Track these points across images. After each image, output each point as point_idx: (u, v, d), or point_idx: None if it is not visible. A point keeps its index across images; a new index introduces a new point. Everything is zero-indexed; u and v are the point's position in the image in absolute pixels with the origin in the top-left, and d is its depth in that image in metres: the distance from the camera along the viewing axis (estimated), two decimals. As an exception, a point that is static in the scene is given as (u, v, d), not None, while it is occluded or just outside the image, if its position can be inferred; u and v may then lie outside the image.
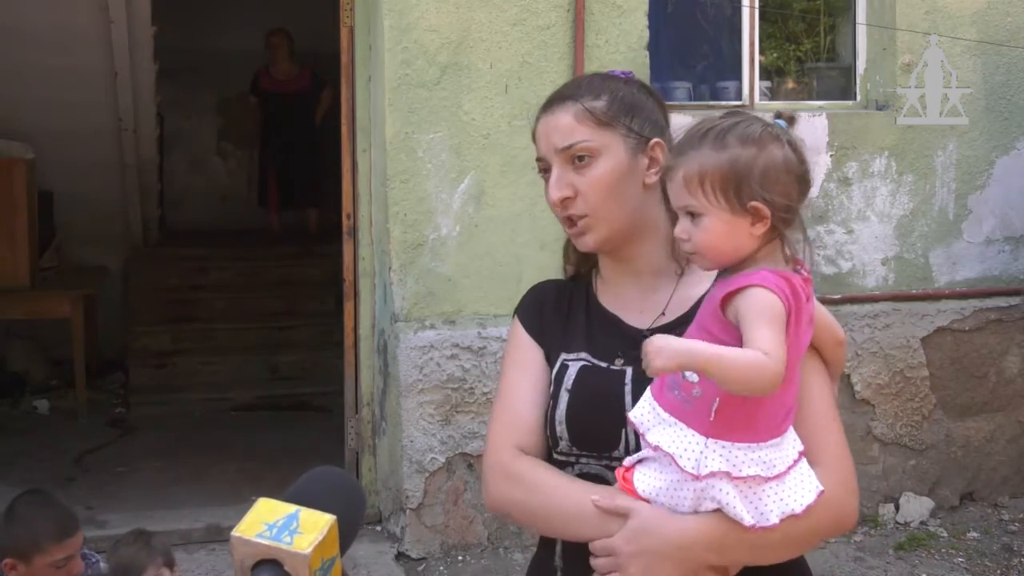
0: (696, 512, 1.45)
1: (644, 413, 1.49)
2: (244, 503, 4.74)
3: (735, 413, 1.42)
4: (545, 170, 1.67)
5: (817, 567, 1.68)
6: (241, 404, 6.65)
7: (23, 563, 2.66)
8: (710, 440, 1.42)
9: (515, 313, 1.80)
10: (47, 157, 6.40)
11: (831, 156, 4.79)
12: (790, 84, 5.44)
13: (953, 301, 4.96)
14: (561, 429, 1.60)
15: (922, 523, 4.85)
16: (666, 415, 1.46)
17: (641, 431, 1.48)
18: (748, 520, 1.42)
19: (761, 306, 1.40)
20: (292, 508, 1.23)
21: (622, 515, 1.48)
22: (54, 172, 6.59)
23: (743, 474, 1.41)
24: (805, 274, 1.48)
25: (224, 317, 7.32)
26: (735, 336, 1.41)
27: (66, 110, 6.33)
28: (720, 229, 1.45)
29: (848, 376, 4.73)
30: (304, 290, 7.61)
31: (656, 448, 1.45)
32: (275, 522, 1.21)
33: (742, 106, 4.94)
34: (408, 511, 4.37)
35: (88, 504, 4.82)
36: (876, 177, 4.87)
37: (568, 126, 1.62)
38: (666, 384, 1.48)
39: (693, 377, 1.44)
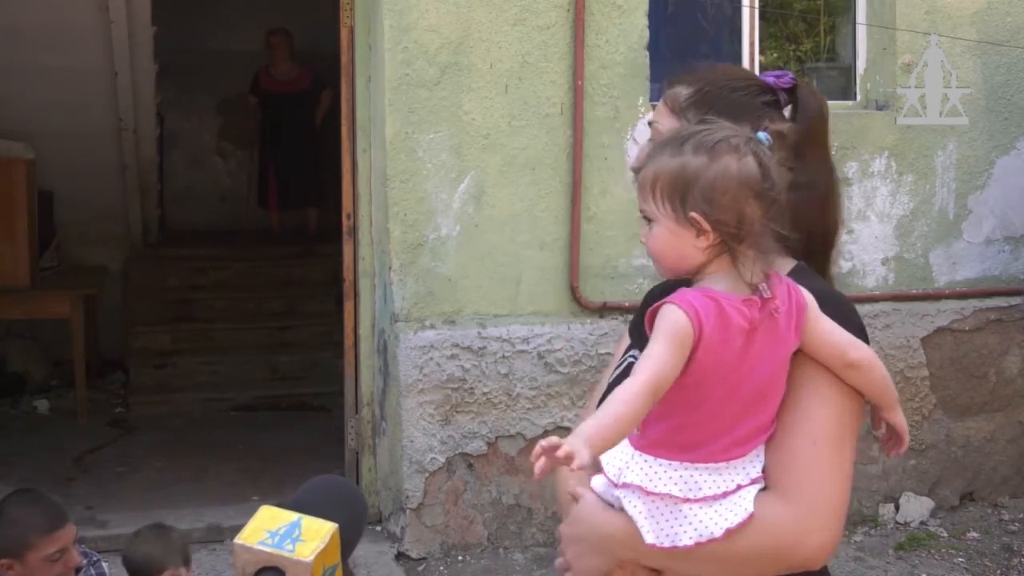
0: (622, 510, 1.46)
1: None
2: (244, 503, 4.73)
3: (659, 428, 1.40)
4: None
5: (817, 567, 1.66)
6: (241, 404, 6.64)
7: (17, 561, 2.66)
8: (636, 452, 1.42)
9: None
10: (47, 157, 6.40)
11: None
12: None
13: (953, 301, 4.96)
14: None
15: (922, 523, 4.85)
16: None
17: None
18: (649, 538, 1.39)
19: (661, 324, 1.36)
20: (294, 516, 1.23)
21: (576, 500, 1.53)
22: (54, 172, 6.58)
23: (657, 490, 1.38)
24: (757, 295, 1.40)
25: (224, 317, 7.32)
26: None
27: (66, 110, 6.33)
28: (666, 237, 1.42)
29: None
30: (304, 290, 7.60)
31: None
32: (277, 530, 1.21)
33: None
34: (408, 511, 4.37)
35: (88, 504, 4.82)
36: (876, 177, 4.87)
37: (660, 105, 1.67)
38: None
39: None
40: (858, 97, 5.08)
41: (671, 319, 1.36)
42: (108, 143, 6.76)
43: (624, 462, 1.42)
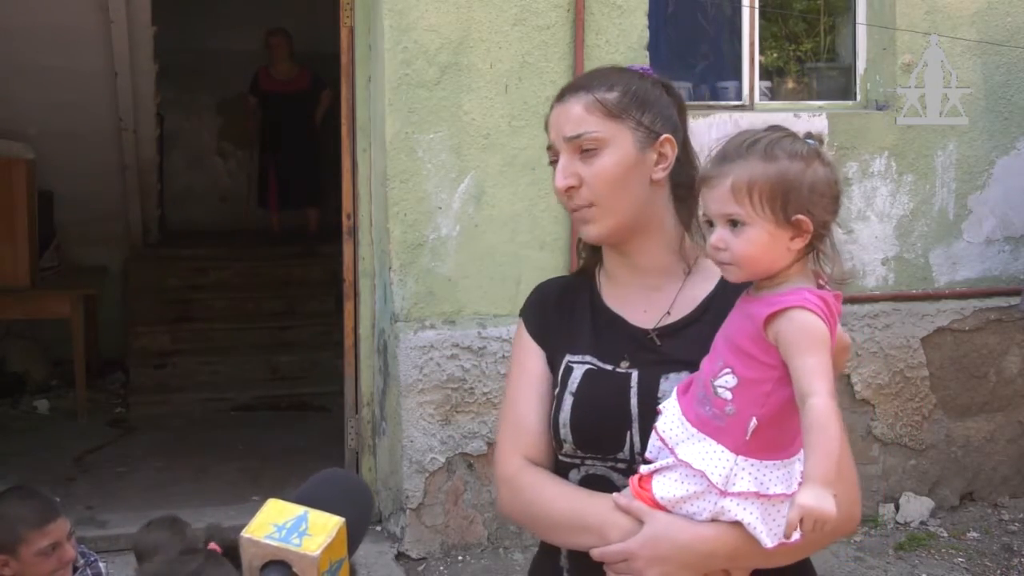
0: (714, 521, 1.45)
1: (672, 427, 1.48)
2: (244, 503, 4.74)
3: (770, 432, 1.42)
4: (554, 160, 1.66)
5: (817, 567, 1.67)
6: (241, 404, 6.65)
7: (12, 557, 2.66)
8: (739, 458, 1.43)
9: (520, 314, 1.78)
10: (47, 157, 6.40)
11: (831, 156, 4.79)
12: (790, 84, 5.45)
13: (953, 301, 4.96)
14: (565, 432, 1.61)
15: (922, 523, 4.85)
16: (694, 430, 1.46)
17: (670, 445, 1.48)
18: (768, 542, 1.43)
19: (808, 332, 1.41)
20: (301, 510, 1.23)
21: (637, 520, 1.48)
22: (54, 172, 6.59)
23: (771, 492, 1.42)
24: (832, 289, 1.49)
25: (224, 317, 7.32)
26: (775, 357, 1.42)
27: (66, 110, 6.33)
28: (762, 240, 1.45)
29: (848, 376, 4.74)
30: (304, 290, 7.61)
31: (686, 464, 1.45)
32: (284, 523, 1.21)
33: (742, 106, 4.95)
34: (408, 511, 4.37)
35: (88, 504, 4.82)
36: (876, 177, 4.87)
37: (578, 116, 1.62)
38: (696, 399, 1.48)
39: (726, 394, 1.44)
40: (858, 97, 5.08)
41: (815, 326, 1.41)
42: (108, 143, 6.76)
43: (729, 470, 1.42)
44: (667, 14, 5.05)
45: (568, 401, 1.61)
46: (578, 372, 1.62)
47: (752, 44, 5.00)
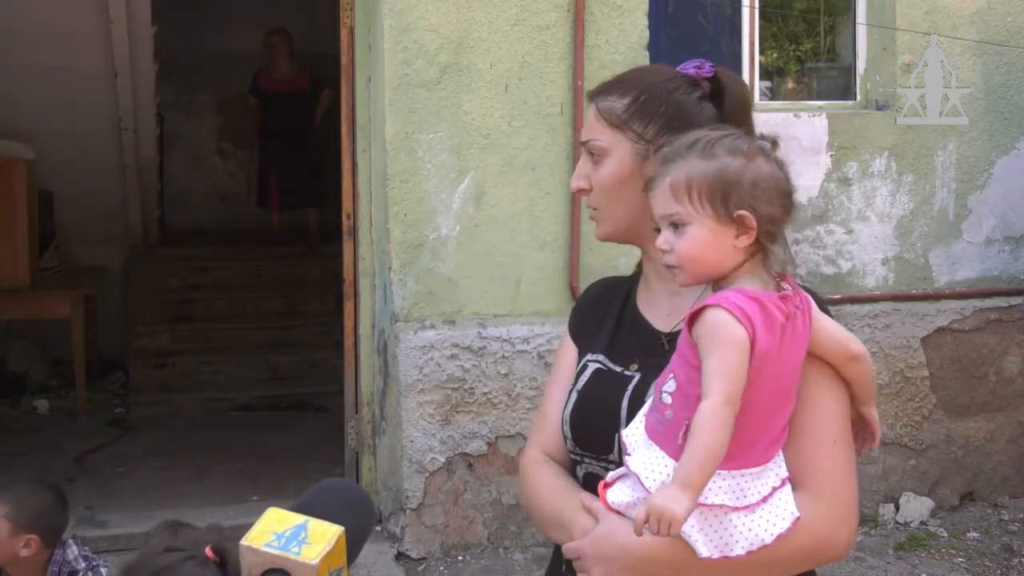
0: None
1: (633, 433, 1.48)
2: (244, 503, 4.74)
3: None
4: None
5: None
6: (241, 404, 6.65)
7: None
8: (672, 461, 1.40)
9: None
10: (47, 157, 6.40)
11: (831, 156, 4.80)
12: (790, 84, 5.45)
13: (953, 301, 4.96)
14: (566, 429, 1.64)
15: (922, 523, 4.85)
16: (645, 436, 1.45)
17: (627, 451, 1.47)
18: (703, 552, 1.38)
19: (714, 332, 1.36)
20: (301, 518, 1.24)
21: (595, 518, 1.50)
22: (54, 172, 6.59)
23: (708, 502, 1.37)
24: (788, 291, 1.43)
25: (224, 317, 7.33)
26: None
27: (66, 110, 6.33)
28: (704, 238, 1.42)
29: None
30: (304, 290, 7.61)
31: (632, 474, 1.44)
32: (284, 532, 1.22)
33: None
34: (408, 511, 4.37)
35: (88, 504, 4.82)
36: (876, 177, 4.87)
37: (591, 121, 1.65)
38: (651, 406, 1.47)
39: (667, 399, 1.42)
40: (858, 97, 5.09)
41: (724, 326, 1.36)
42: (108, 143, 6.77)
43: (666, 476, 1.39)
44: (667, 14, 5.05)
45: (573, 399, 1.64)
46: (588, 371, 1.65)
47: (752, 44, 5.00)
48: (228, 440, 5.90)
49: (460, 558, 4.41)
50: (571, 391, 1.65)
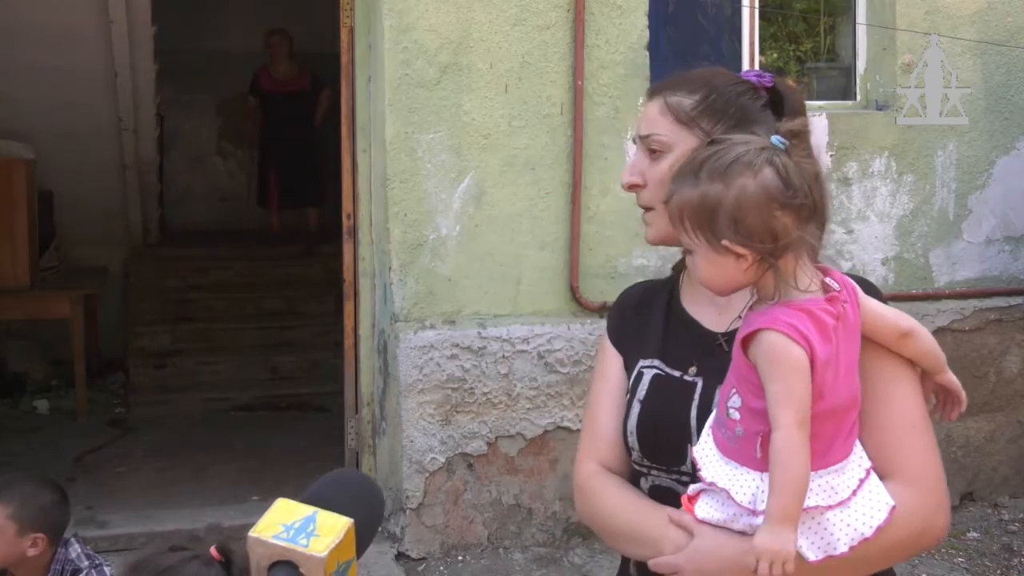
0: None
1: (703, 449, 1.46)
2: (244, 503, 4.73)
3: None
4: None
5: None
6: (241, 404, 6.64)
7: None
8: (765, 475, 1.39)
9: (607, 318, 1.78)
10: (47, 157, 6.40)
11: (831, 156, 4.79)
12: (790, 84, 5.44)
13: (953, 301, 4.96)
14: (632, 441, 1.60)
15: (922, 523, 4.84)
16: (719, 453, 1.43)
17: (699, 467, 1.46)
18: (811, 556, 1.38)
19: (772, 357, 1.35)
20: (310, 510, 1.23)
21: (688, 533, 1.47)
22: (54, 172, 6.59)
23: (804, 505, 1.37)
24: (835, 288, 1.42)
25: (224, 317, 7.32)
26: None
27: (66, 110, 6.33)
28: (707, 266, 1.41)
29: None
30: (304, 290, 7.61)
31: (711, 484, 1.43)
32: (292, 524, 1.21)
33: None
34: (408, 511, 4.37)
35: (88, 504, 4.82)
36: (876, 177, 4.87)
37: (653, 116, 1.60)
38: (716, 420, 1.45)
39: (735, 415, 1.40)
40: (858, 97, 5.08)
41: (782, 349, 1.35)
42: (108, 143, 6.76)
43: (756, 487, 1.39)
44: (667, 14, 5.05)
45: (636, 409, 1.60)
46: (647, 378, 1.61)
47: (752, 44, 4.99)
48: (228, 440, 5.90)
49: (460, 558, 4.41)
50: (631, 400, 1.61)
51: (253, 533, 1.20)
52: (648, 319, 1.67)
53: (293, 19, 8.08)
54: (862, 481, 1.41)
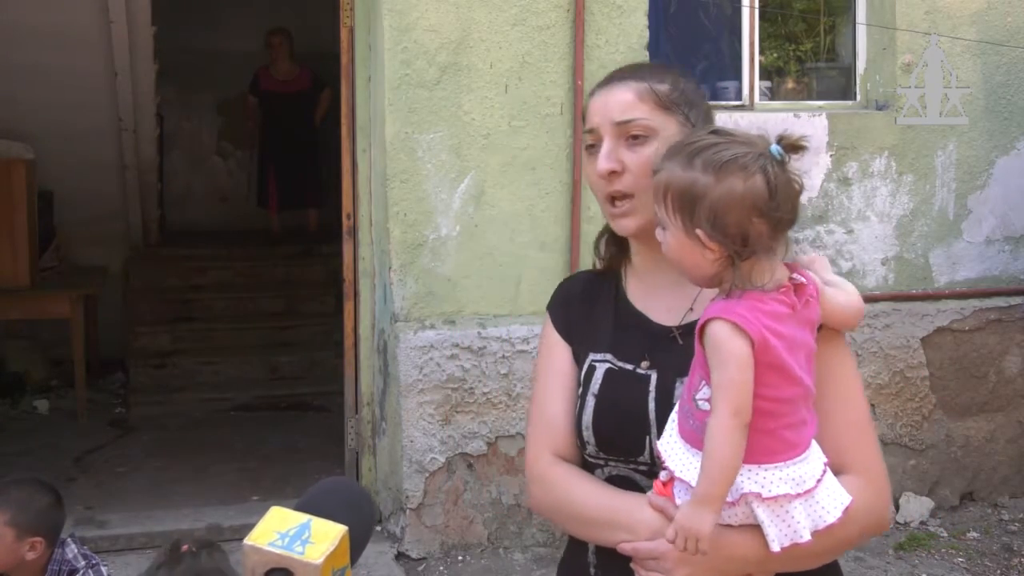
0: (741, 525, 1.45)
1: (667, 442, 1.48)
2: (244, 503, 4.72)
3: (751, 437, 1.40)
4: (592, 145, 1.64)
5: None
6: (241, 404, 6.65)
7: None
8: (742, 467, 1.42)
9: (547, 308, 1.76)
10: (47, 157, 6.40)
11: (831, 156, 4.80)
12: (790, 84, 5.44)
13: (953, 301, 4.96)
14: (588, 435, 1.60)
15: (922, 523, 4.85)
16: (686, 445, 1.45)
17: (663, 459, 1.47)
18: (775, 546, 1.42)
19: (717, 347, 1.39)
20: (304, 518, 1.24)
21: (668, 519, 1.47)
22: (54, 172, 6.59)
23: (772, 493, 1.40)
24: (800, 280, 1.45)
25: (224, 317, 7.33)
26: None
27: (66, 110, 6.33)
28: (677, 246, 1.45)
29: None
30: (304, 290, 7.61)
31: (679, 479, 1.45)
32: (287, 531, 1.22)
33: (742, 106, 4.95)
34: (408, 511, 4.37)
35: (88, 504, 4.82)
36: (876, 177, 4.87)
37: (629, 102, 1.61)
38: (683, 412, 1.47)
39: (705, 406, 1.42)
40: (858, 97, 5.09)
41: (726, 340, 1.38)
42: (108, 143, 6.77)
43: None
44: (667, 14, 5.05)
45: (591, 403, 1.60)
46: (599, 372, 1.61)
47: (752, 44, 5.00)
48: (228, 440, 5.90)
49: (460, 558, 4.41)
50: (585, 394, 1.61)
51: (248, 541, 1.21)
52: (595, 312, 1.68)
53: (293, 19, 8.09)
54: (823, 473, 1.45)
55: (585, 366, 1.64)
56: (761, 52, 5.09)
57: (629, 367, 1.60)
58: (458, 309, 4.40)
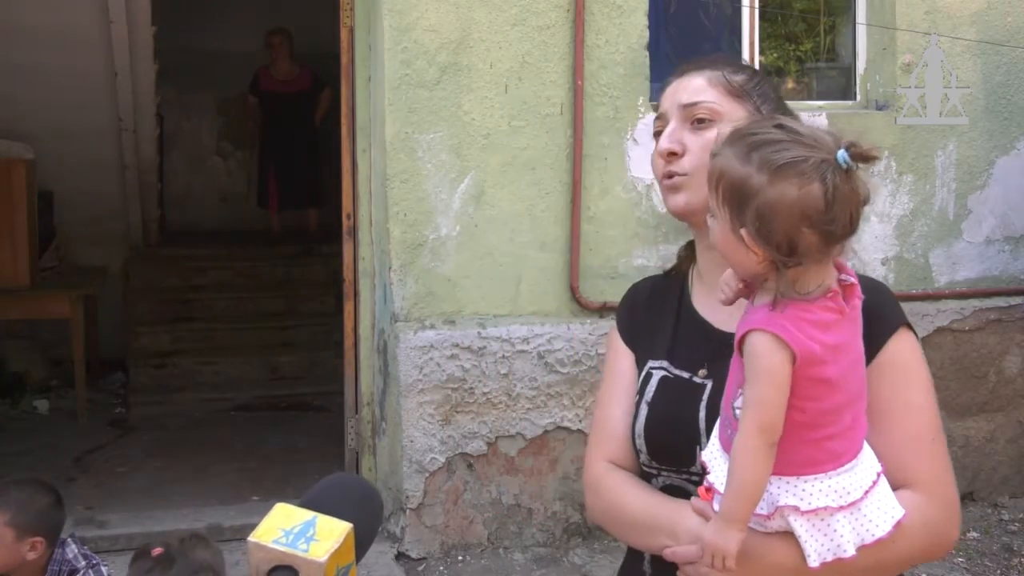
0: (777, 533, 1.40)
1: (711, 452, 1.44)
2: (244, 503, 4.73)
3: (790, 450, 1.34)
4: (659, 131, 1.61)
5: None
6: (241, 404, 6.65)
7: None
8: (777, 479, 1.36)
9: (616, 315, 1.74)
10: (47, 157, 6.40)
11: (831, 156, 4.79)
12: (790, 84, 5.44)
13: (953, 301, 4.96)
14: (640, 443, 1.58)
15: (922, 523, 4.84)
16: (725, 455, 1.40)
17: (708, 470, 1.43)
18: (813, 561, 1.35)
19: (754, 361, 1.32)
20: (309, 515, 1.23)
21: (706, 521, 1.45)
22: (54, 172, 6.59)
23: (812, 507, 1.34)
24: (850, 281, 1.41)
25: (224, 317, 7.33)
26: None
27: (66, 110, 6.33)
28: (723, 239, 1.37)
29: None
30: (304, 290, 7.61)
31: (716, 491, 1.40)
32: (292, 528, 1.21)
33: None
34: (408, 511, 4.37)
35: (88, 504, 4.82)
36: (876, 177, 4.86)
37: (699, 87, 1.58)
38: (723, 421, 1.42)
39: (740, 415, 1.37)
40: (858, 97, 5.08)
41: (762, 355, 1.31)
42: (108, 143, 6.77)
43: (767, 491, 1.37)
44: (667, 14, 5.05)
45: (643, 411, 1.57)
46: (654, 380, 1.58)
47: (752, 44, 4.99)
48: (228, 440, 5.90)
49: (460, 558, 4.41)
50: (639, 403, 1.58)
51: (252, 538, 1.20)
52: (659, 317, 1.65)
53: (293, 19, 8.08)
54: (874, 482, 1.38)
55: (643, 373, 1.61)
56: (761, 52, 5.09)
57: (685, 375, 1.56)
58: (458, 309, 4.40)
